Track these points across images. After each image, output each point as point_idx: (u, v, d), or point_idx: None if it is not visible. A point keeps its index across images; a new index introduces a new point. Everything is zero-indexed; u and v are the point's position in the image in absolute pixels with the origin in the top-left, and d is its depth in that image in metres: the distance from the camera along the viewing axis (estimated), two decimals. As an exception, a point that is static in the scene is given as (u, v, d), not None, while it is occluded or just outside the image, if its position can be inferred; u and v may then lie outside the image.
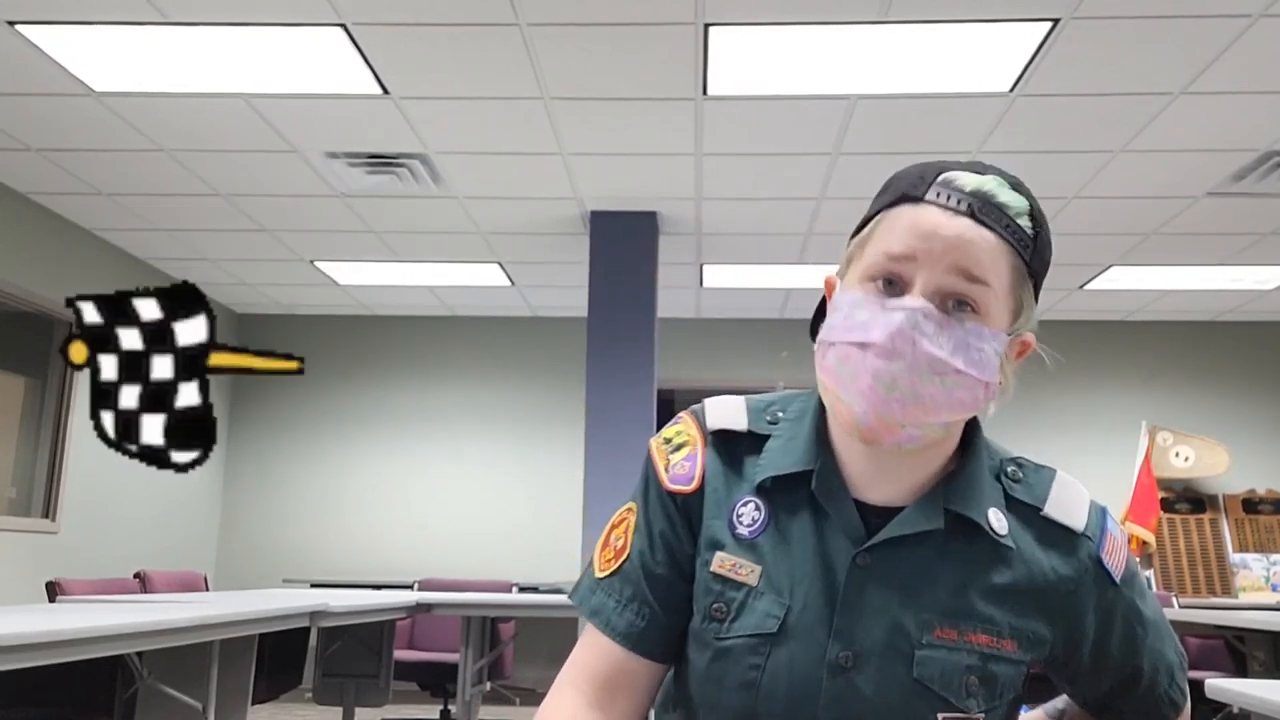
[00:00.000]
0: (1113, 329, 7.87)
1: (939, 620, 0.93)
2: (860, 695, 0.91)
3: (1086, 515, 1.01)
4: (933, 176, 0.93)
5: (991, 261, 0.91)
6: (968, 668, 0.92)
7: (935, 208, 0.92)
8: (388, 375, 8.07)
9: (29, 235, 5.73)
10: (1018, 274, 0.94)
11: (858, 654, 0.92)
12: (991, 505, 0.98)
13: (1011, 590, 0.95)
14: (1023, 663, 0.96)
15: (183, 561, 7.09)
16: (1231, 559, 7.38)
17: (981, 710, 0.93)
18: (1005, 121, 4.48)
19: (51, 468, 6.07)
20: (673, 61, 4.03)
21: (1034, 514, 0.99)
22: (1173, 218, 5.60)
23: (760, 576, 0.96)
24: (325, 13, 3.70)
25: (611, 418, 5.63)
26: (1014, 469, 1.02)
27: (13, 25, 3.82)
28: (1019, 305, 0.95)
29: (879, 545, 0.94)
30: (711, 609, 0.97)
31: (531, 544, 7.66)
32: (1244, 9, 3.57)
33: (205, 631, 2.83)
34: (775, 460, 1.00)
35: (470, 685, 4.65)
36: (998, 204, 0.92)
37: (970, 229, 0.91)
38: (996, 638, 0.94)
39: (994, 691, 0.94)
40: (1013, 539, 0.97)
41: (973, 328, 0.91)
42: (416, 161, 5.04)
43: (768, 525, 0.98)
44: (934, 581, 0.94)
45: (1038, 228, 0.95)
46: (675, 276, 6.77)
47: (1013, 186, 0.94)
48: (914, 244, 0.91)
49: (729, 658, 0.95)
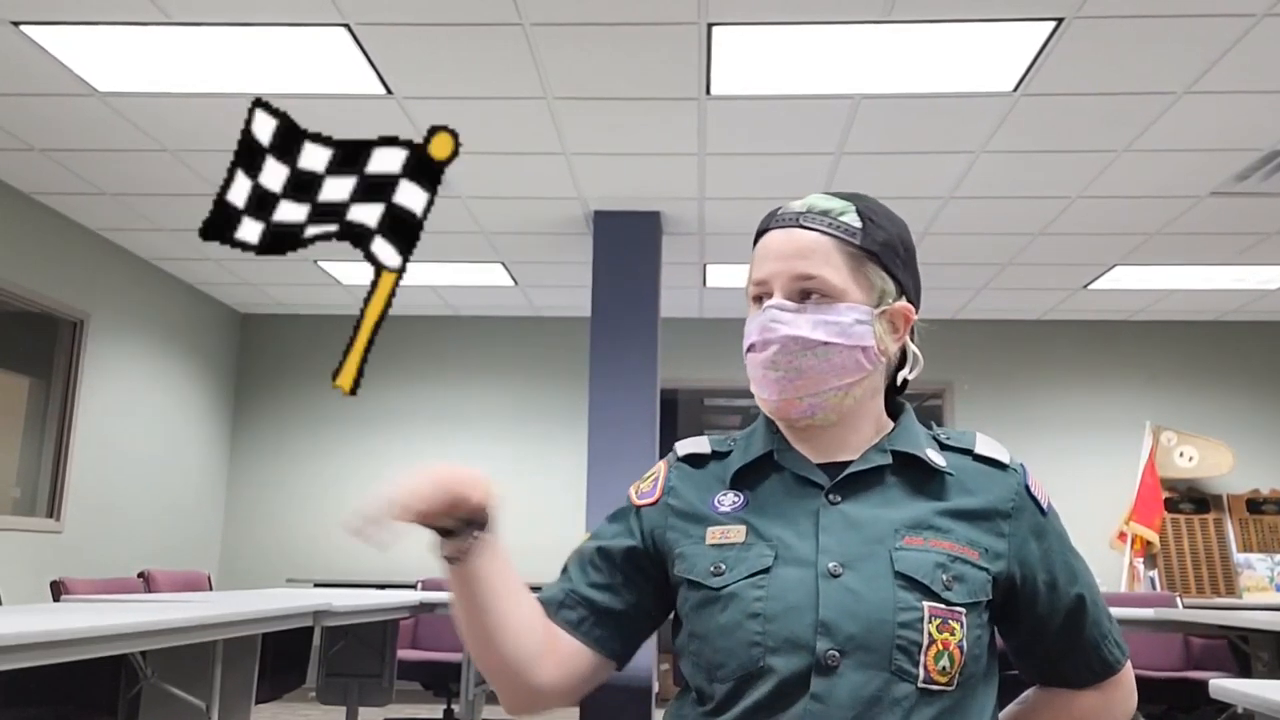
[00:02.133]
0: (1116, 329, 7.86)
1: (905, 531, 1.09)
2: (854, 593, 1.05)
3: (1009, 456, 1.19)
4: (776, 212, 1.20)
5: (822, 256, 1.14)
6: (938, 564, 1.07)
7: (776, 230, 1.18)
8: (391, 375, 8.07)
9: (33, 235, 5.74)
10: (854, 259, 1.15)
11: (844, 562, 1.07)
12: (928, 447, 1.16)
13: (960, 511, 1.12)
14: (986, 570, 1.09)
15: (186, 561, 7.10)
16: (1235, 559, 7.37)
17: (962, 603, 1.06)
18: (1009, 121, 4.47)
19: (56, 468, 6.08)
20: (676, 61, 4.03)
21: (967, 454, 1.17)
22: (1176, 217, 5.59)
23: (747, 533, 1.12)
24: (328, 13, 3.71)
25: (614, 417, 5.63)
26: (940, 431, 1.21)
27: (16, 25, 3.83)
28: (870, 283, 1.15)
29: (843, 482, 1.13)
30: (710, 569, 1.12)
31: (534, 543, 7.62)
32: (1248, 8, 3.57)
33: (209, 631, 2.84)
34: (740, 457, 1.20)
35: (473, 685, 4.66)
36: (821, 211, 1.16)
37: (802, 237, 1.15)
38: (957, 544, 1.09)
39: (969, 590, 1.07)
40: (952, 470, 1.15)
41: (824, 307, 1.13)
42: (420, 161, 5.03)
43: (746, 503, 1.16)
44: (894, 505, 1.12)
45: (867, 218, 1.17)
46: (678, 276, 6.77)
47: (840, 197, 1.18)
48: (766, 264, 1.16)
49: (734, 602, 1.08)
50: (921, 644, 1.03)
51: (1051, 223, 5.72)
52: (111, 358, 6.51)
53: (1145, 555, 7.26)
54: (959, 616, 1.05)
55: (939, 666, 1.03)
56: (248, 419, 8.06)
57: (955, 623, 1.05)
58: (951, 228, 5.83)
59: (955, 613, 1.05)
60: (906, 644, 1.03)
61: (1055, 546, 1.16)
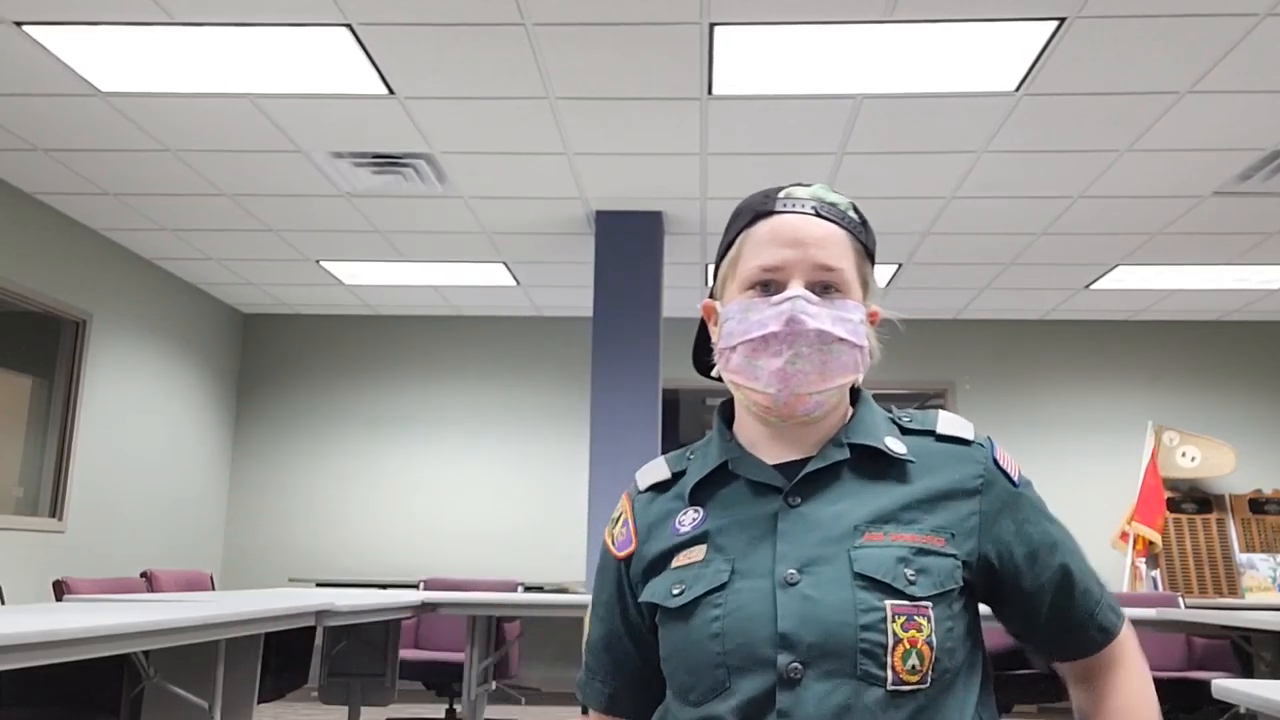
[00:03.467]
0: (1118, 328, 7.86)
1: (865, 527, 1.05)
2: (811, 600, 1.01)
3: (974, 432, 1.15)
4: (775, 194, 1.14)
5: (840, 249, 1.11)
6: (899, 559, 1.03)
7: (789, 215, 1.11)
8: (393, 375, 8.08)
9: (35, 235, 5.74)
10: (859, 255, 1.13)
11: (801, 568, 1.03)
12: (887, 435, 1.13)
13: (923, 497, 1.08)
14: (953, 555, 1.06)
15: (189, 561, 7.11)
16: (1238, 559, 7.36)
17: (927, 596, 1.02)
18: (1011, 121, 4.47)
19: (58, 467, 6.09)
20: (678, 61, 4.03)
21: (928, 435, 1.14)
22: (1178, 217, 5.59)
23: (706, 551, 1.09)
24: (331, 13, 3.71)
25: (616, 417, 5.63)
26: (904, 414, 1.17)
27: (19, 26, 3.83)
28: (865, 281, 1.13)
29: (800, 482, 1.09)
30: (671, 590, 1.09)
31: (536, 543, 7.66)
32: (1250, 8, 3.56)
33: (211, 631, 2.84)
34: (696, 471, 1.16)
35: (476, 685, 4.66)
36: (831, 202, 1.13)
37: (819, 224, 1.11)
38: (920, 534, 1.05)
39: (934, 581, 1.03)
40: (913, 456, 1.11)
41: (840, 303, 1.09)
42: (422, 161, 5.05)
43: (705, 518, 1.12)
44: (853, 500, 1.08)
45: (861, 217, 1.15)
46: (680, 276, 6.77)
47: (832, 190, 1.15)
48: (781, 250, 1.10)
49: (694, 619, 1.06)
50: (887, 645, 0.99)
51: (1053, 222, 5.72)
52: (114, 357, 6.52)
53: (1147, 555, 7.25)
54: (925, 611, 1.01)
55: (908, 666, 0.99)
56: (250, 418, 8.06)
57: (921, 618, 1.01)
58: (953, 227, 5.83)
59: (920, 608, 1.01)
60: (871, 646, 0.99)
61: (1031, 517, 1.11)
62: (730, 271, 1.14)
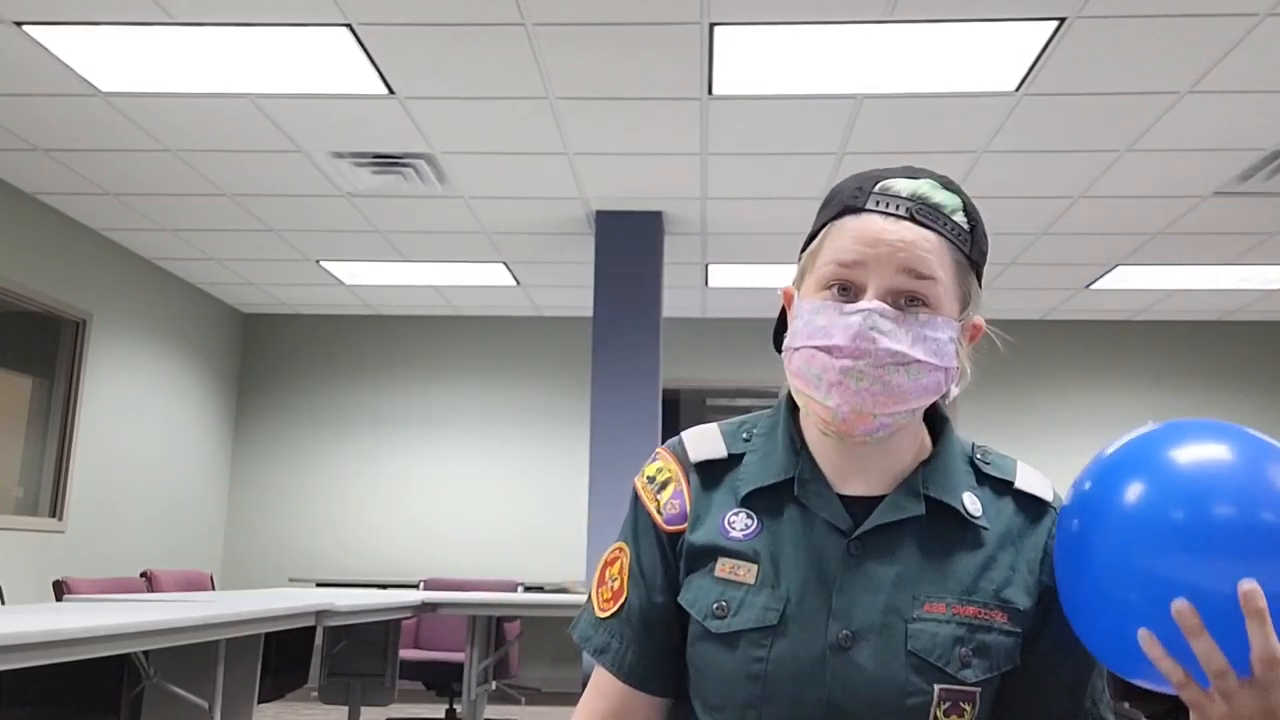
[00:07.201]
0: (1119, 329, 7.86)
1: (927, 596, 0.98)
2: (862, 671, 0.95)
3: (1051, 491, 1.07)
4: (870, 186, 1.01)
5: (935, 258, 0.98)
6: (957, 639, 0.97)
7: (877, 215, 0.99)
8: (393, 374, 8.08)
9: (36, 235, 5.74)
10: (960, 266, 1.01)
11: (856, 632, 0.97)
12: (966, 489, 1.04)
13: (993, 563, 1.01)
14: (1015, 634, 0.99)
15: (189, 561, 7.11)
16: (1238, 559, 7.35)
17: (978, 681, 0.96)
18: (1011, 121, 4.47)
19: (58, 467, 6.09)
20: (678, 61, 4.03)
21: (1007, 487, 1.05)
22: (1179, 217, 5.59)
23: (757, 575, 1.01)
24: (331, 13, 3.71)
25: (617, 417, 5.63)
26: (982, 452, 1.08)
27: (20, 26, 3.83)
28: (966, 294, 1.02)
29: (867, 532, 1.00)
30: (713, 608, 1.01)
31: (536, 543, 7.67)
32: (1251, 8, 3.56)
33: (211, 631, 2.84)
34: (756, 474, 1.06)
35: (476, 684, 4.66)
36: (933, 204, 1.00)
37: (911, 231, 0.98)
38: (983, 608, 0.98)
39: (990, 663, 0.98)
40: (987, 520, 1.02)
41: (926, 320, 0.97)
42: (422, 161, 5.04)
43: (760, 530, 1.03)
44: (919, 562, 1.00)
45: (973, 222, 1.03)
46: (680, 276, 6.77)
47: (944, 186, 1.02)
48: (862, 251, 0.98)
49: (734, 652, 0.99)
50: None
51: (1054, 223, 5.72)
52: (114, 357, 6.52)
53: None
54: (972, 697, 0.96)
55: None
56: (250, 418, 8.06)
57: (967, 703, 0.96)
58: (954, 227, 5.82)
59: (969, 694, 0.96)
60: None
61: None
62: (810, 263, 1.04)
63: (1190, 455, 0.90)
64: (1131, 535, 0.88)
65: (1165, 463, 0.90)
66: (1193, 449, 0.91)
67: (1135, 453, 0.93)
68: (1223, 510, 0.85)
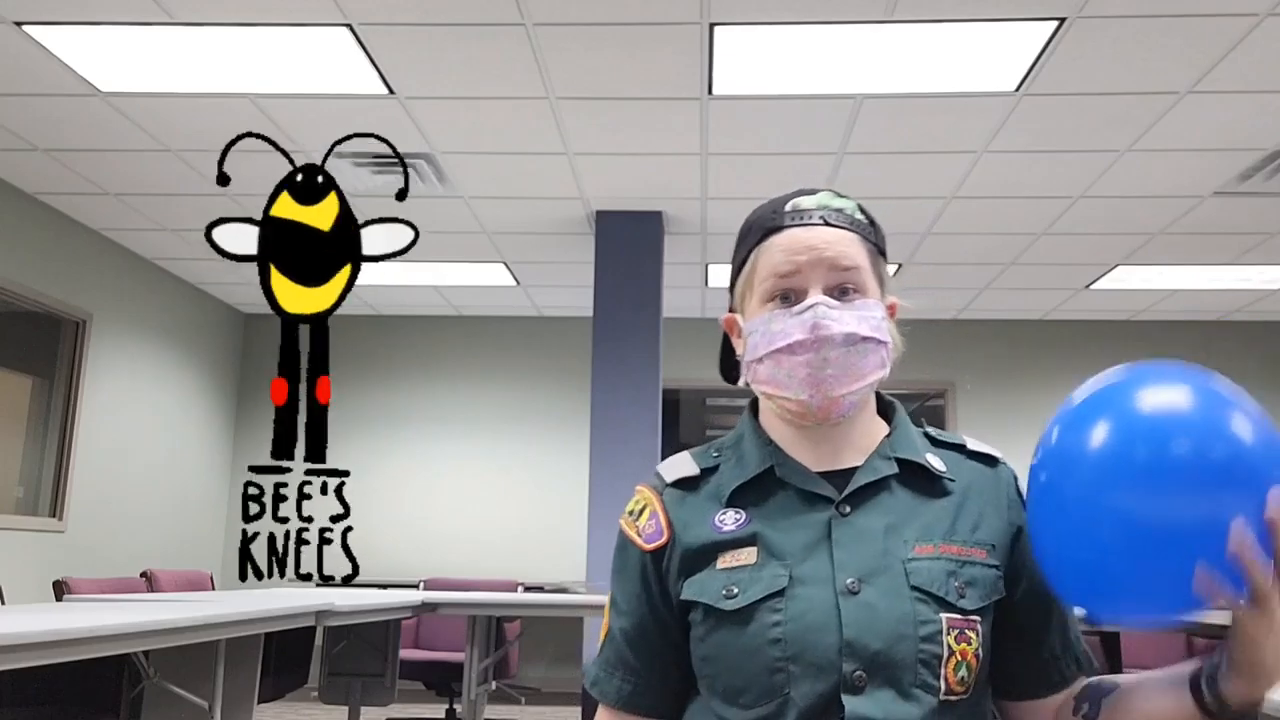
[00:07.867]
0: (1119, 329, 7.86)
1: (915, 539, 1.09)
2: (874, 609, 1.04)
3: (999, 454, 1.20)
4: (783, 208, 1.16)
5: (853, 250, 1.13)
6: (949, 573, 1.07)
7: (797, 228, 1.13)
8: (393, 375, 8.07)
9: (36, 235, 5.74)
10: (872, 254, 1.15)
11: (862, 577, 1.06)
12: (927, 452, 1.17)
13: (964, 512, 1.13)
14: (994, 567, 1.10)
15: (189, 560, 7.11)
16: (1238, 559, 7.35)
17: (976, 609, 1.07)
18: (1011, 121, 4.47)
19: (59, 467, 6.09)
20: (678, 61, 4.03)
21: (960, 449, 1.19)
22: (1179, 217, 5.58)
23: (757, 554, 1.09)
24: (331, 13, 3.71)
25: (617, 417, 5.63)
26: (933, 429, 1.21)
27: (20, 26, 3.83)
28: (880, 276, 1.16)
29: (852, 494, 1.11)
30: (722, 592, 1.09)
31: (536, 543, 7.66)
32: (1251, 8, 3.56)
33: (211, 631, 2.84)
34: (732, 475, 1.16)
35: (476, 684, 4.66)
36: (838, 209, 1.15)
37: (829, 233, 1.13)
38: (964, 546, 1.10)
39: (981, 593, 1.08)
40: (951, 473, 1.15)
41: (860, 303, 1.11)
42: (422, 161, 5.04)
43: (751, 519, 1.12)
44: (902, 513, 1.11)
45: (869, 217, 1.18)
46: (681, 276, 6.77)
47: (839, 195, 1.18)
48: (795, 260, 1.12)
49: (750, 625, 1.06)
50: (942, 656, 1.03)
51: (1054, 223, 5.72)
52: (114, 357, 6.52)
53: (1148, 555, 7.24)
54: (975, 625, 1.06)
55: (958, 677, 1.03)
56: (250, 418, 8.06)
57: (972, 631, 1.05)
58: (954, 228, 5.82)
59: (971, 621, 1.05)
60: (929, 658, 1.03)
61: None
62: (748, 287, 1.17)
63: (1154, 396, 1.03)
64: (1108, 468, 0.96)
65: (1127, 405, 1.03)
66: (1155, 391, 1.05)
67: (1099, 399, 1.07)
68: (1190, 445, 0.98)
